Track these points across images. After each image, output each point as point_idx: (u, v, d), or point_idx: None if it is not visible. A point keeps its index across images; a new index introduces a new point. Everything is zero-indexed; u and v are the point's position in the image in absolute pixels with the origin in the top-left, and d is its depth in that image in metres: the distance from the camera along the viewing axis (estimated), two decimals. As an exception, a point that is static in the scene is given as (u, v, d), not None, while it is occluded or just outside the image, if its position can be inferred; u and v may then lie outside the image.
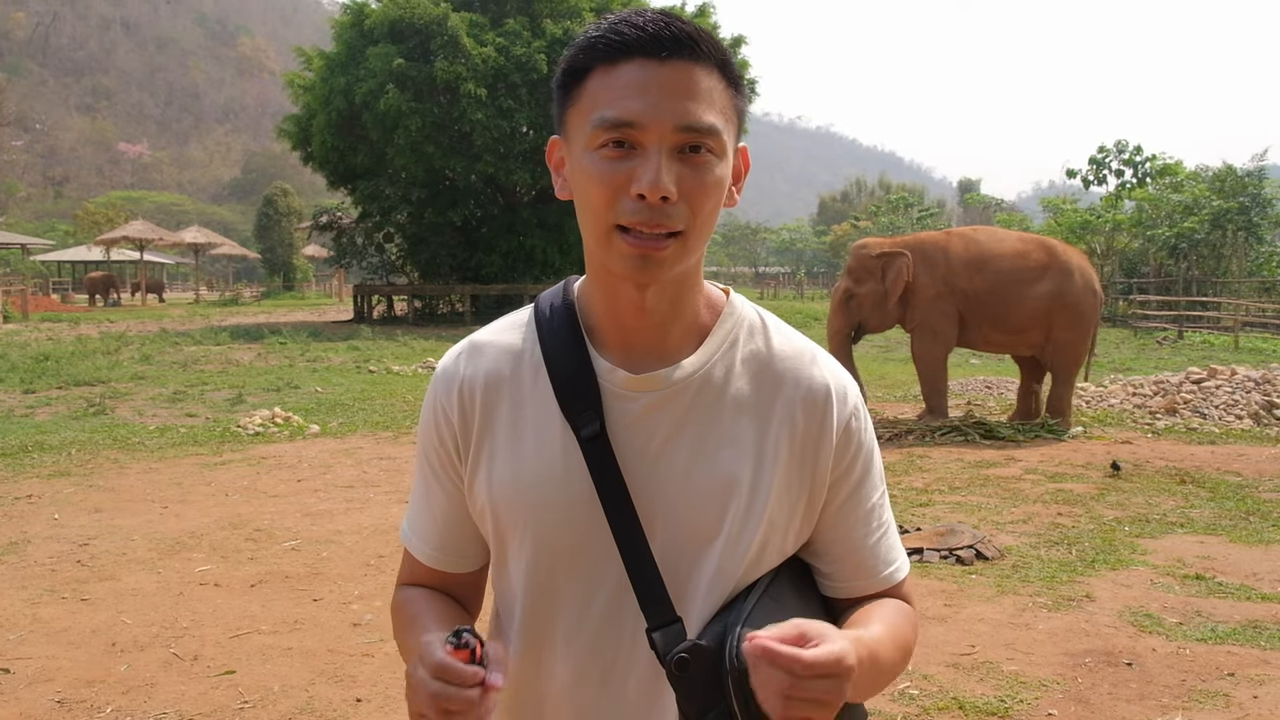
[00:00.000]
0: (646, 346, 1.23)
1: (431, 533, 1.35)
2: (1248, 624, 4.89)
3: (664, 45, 1.11)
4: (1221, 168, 34.24)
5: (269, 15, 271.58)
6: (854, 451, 1.26)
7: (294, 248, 60.00)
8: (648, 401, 1.21)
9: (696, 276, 1.23)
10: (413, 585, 1.39)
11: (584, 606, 1.23)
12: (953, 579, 5.65)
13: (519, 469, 1.24)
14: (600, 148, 1.12)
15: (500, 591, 1.32)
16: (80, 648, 4.63)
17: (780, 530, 1.23)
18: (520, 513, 1.23)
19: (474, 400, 1.27)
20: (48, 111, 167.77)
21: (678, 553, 1.20)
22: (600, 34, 1.13)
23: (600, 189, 1.12)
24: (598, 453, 1.20)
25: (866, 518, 1.29)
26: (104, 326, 26.31)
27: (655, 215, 1.10)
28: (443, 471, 1.31)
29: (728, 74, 1.15)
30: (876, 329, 11.59)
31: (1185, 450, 9.78)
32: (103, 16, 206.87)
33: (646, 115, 1.09)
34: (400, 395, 13.88)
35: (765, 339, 1.27)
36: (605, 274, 1.20)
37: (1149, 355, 21.39)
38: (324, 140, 28.24)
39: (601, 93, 1.12)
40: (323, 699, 4.09)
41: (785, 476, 1.22)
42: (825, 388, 1.25)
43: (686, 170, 1.11)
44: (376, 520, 7.05)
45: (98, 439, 10.26)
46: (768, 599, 1.19)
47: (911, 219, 54.71)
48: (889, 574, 1.30)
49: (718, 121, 1.12)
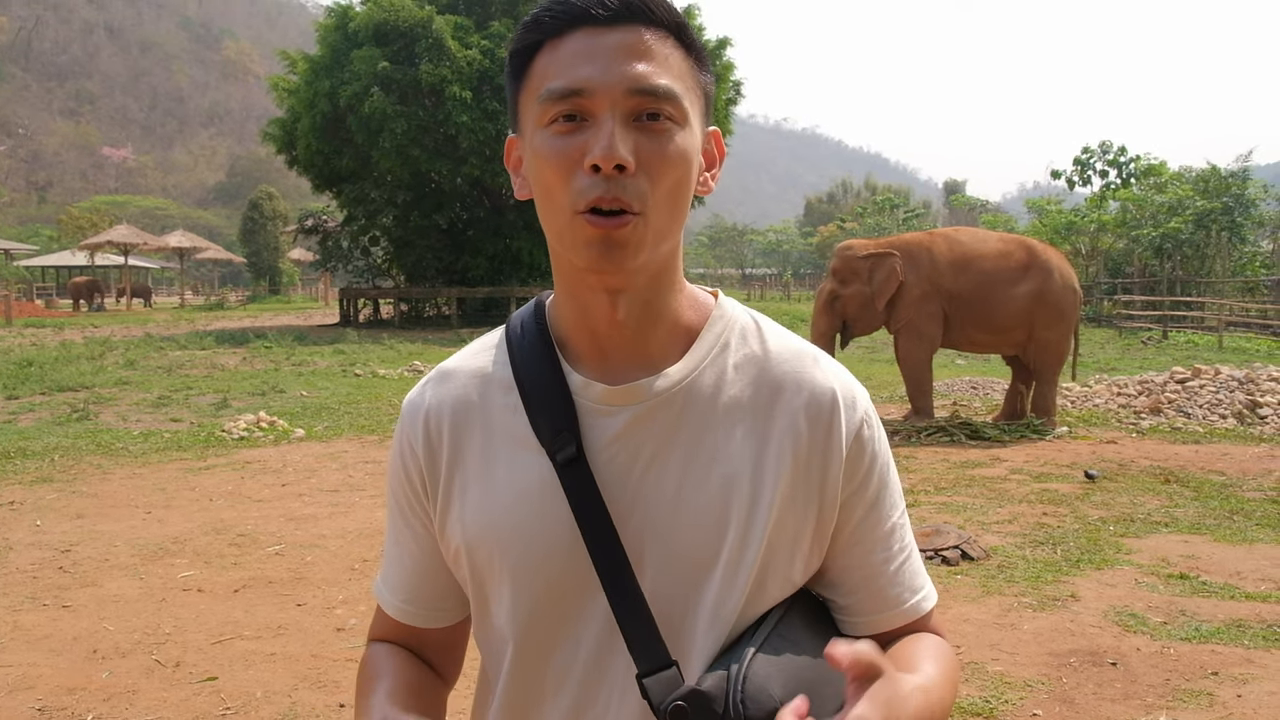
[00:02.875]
0: (625, 356, 1.12)
1: (401, 584, 1.23)
2: (1232, 623, 4.91)
3: (609, 9, 1.02)
4: (1205, 168, 34.44)
5: (253, 19, 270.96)
6: (868, 464, 1.13)
7: (279, 251, 59.79)
8: (629, 416, 1.09)
9: (673, 274, 1.12)
10: (382, 641, 1.27)
11: (573, 650, 1.11)
12: (938, 579, 5.65)
13: (492, 503, 1.12)
14: (550, 124, 1.03)
15: (484, 642, 1.19)
16: (61, 655, 4.59)
17: (785, 557, 1.10)
18: (497, 552, 1.11)
19: (441, 431, 1.16)
20: (31, 116, 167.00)
21: (671, 587, 1.08)
22: (545, 7, 1.05)
23: (553, 167, 1.03)
24: (576, 478, 1.08)
25: (886, 540, 1.15)
26: (88, 332, 26.17)
27: (612, 188, 1.00)
28: (411, 513, 1.20)
29: (684, 40, 1.07)
30: (862, 331, 11.61)
31: (1169, 450, 9.82)
32: (86, 20, 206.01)
33: (595, 81, 1.01)
34: (386, 399, 13.84)
35: (760, 341, 1.16)
36: (572, 276, 1.10)
37: (1133, 355, 21.48)
38: (309, 144, 28.14)
39: (549, 67, 1.04)
40: (306, 705, 4.06)
41: (789, 495, 1.09)
42: (830, 392, 1.12)
43: (644, 139, 1.02)
44: (361, 524, 7.02)
45: (81, 444, 10.20)
46: (777, 639, 1.06)
47: (897, 220, 54.94)
48: (915, 603, 1.17)
49: (675, 85, 1.03)
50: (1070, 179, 42.47)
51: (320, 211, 34.52)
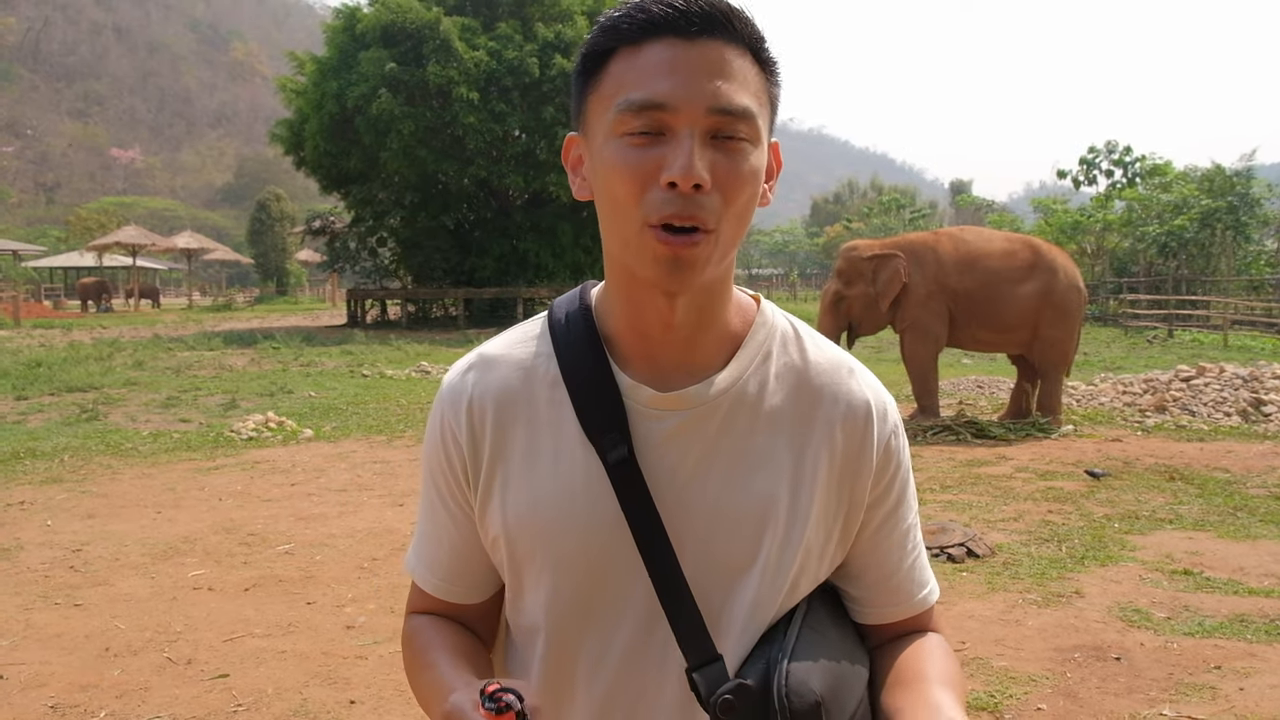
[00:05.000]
0: (674, 361, 1.14)
1: (439, 562, 1.25)
2: (1234, 618, 4.93)
3: (694, 22, 1.01)
4: (1210, 168, 34.30)
5: (261, 20, 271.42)
6: (893, 472, 1.19)
7: (287, 252, 59.90)
8: (677, 422, 1.12)
9: (728, 282, 1.14)
10: (422, 614, 1.29)
11: (608, 640, 1.14)
12: (944, 576, 5.68)
13: (536, 496, 1.14)
14: (625, 134, 1.02)
15: (517, 625, 1.22)
16: (74, 653, 4.64)
17: (816, 556, 1.15)
18: (539, 543, 1.14)
19: (485, 420, 1.17)
20: (39, 117, 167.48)
21: (709, 583, 1.12)
22: (623, 13, 1.03)
23: (626, 180, 1.02)
24: (627, 478, 1.10)
25: (902, 541, 1.22)
26: (96, 332, 26.29)
27: (687, 206, 1.00)
28: (450, 498, 1.21)
29: (761, 57, 1.07)
30: (868, 331, 11.62)
31: (1174, 447, 9.83)
32: (94, 21, 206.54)
33: (677, 96, 1.00)
34: (394, 399, 13.89)
35: (800, 350, 1.19)
36: (629, 280, 1.10)
37: (1139, 354, 21.45)
38: (316, 145, 28.25)
39: (627, 75, 1.02)
40: (317, 701, 4.11)
41: (824, 500, 1.14)
42: (866, 404, 1.17)
43: (721, 158, 1.02)
44: (370, 524, 7.07)
45: (90, 445, 10.26)
46: (809, 630, 1.11)
47: (904, 220, 54.78)
48: (923, 598, 1.24)
49: (752, 105, 1.03)
50: (1076, 179, 42.32)
51: (328, 212, 34.69)
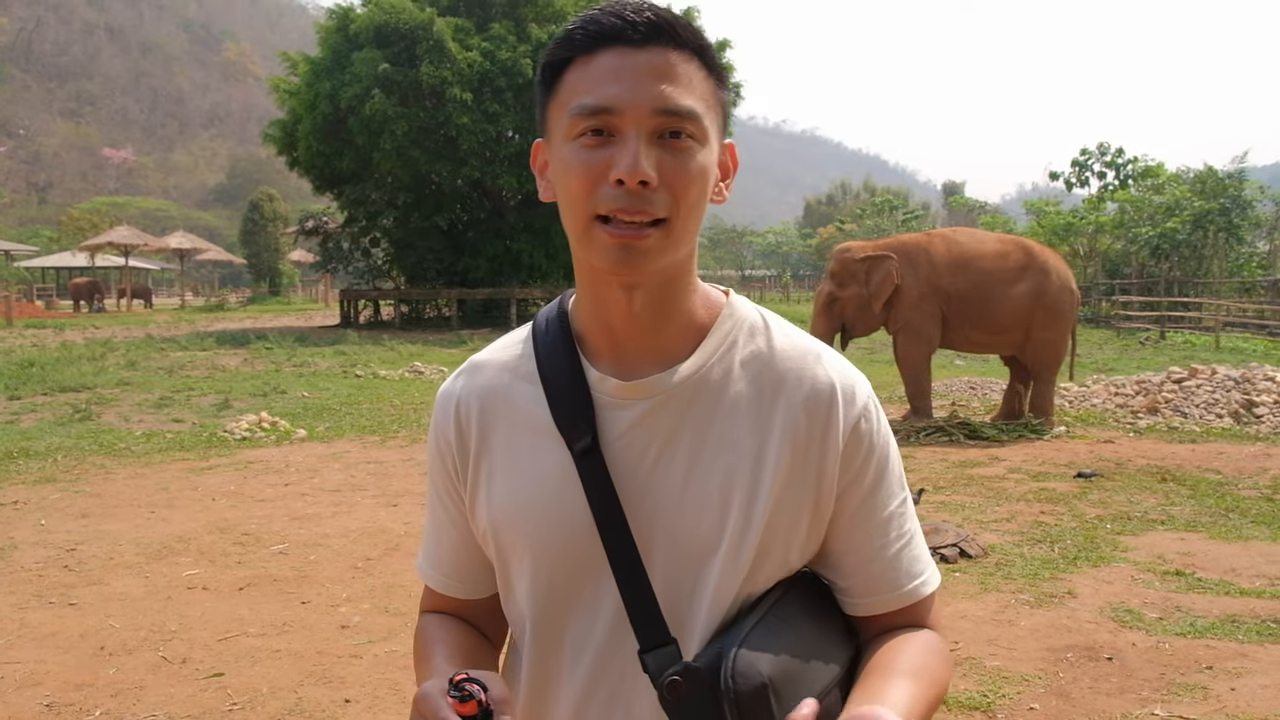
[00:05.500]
0: (639, 352, 1.18)
1: (441, 559, 1.32)
2: (1226, 618, 4.96)
3: (639, 30, 1.09)
4: (1202, 169, 34.42)
5: (254, 20, 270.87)
6: (865, 455, 1.18)
7: (280, 253, 59.79)
8: (642, 409, 1.16)
9: (688, 275, 1.19)
10: (432, 612, 1.36)
11: (588, 627, 1.18)
12: (936, 577, 5.70)
13: (515, 488, 1.20)
14: (578, 136, 1.09)
15: (509, 614, 1.28)
16: (68, 652, 4.65)
17: (782, 541, 1.16)
18: (519, 533, 1.19)
19: (470, 419, 1.24)
20: (31, 117, 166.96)
21: (680, 571, 1.14)
22: (577, 25, 1.11)
23: (579, 178, 1.09)
24: (591, 467, 1.15)
25: (884, 526, 1.20)
26: (89, 332, 26.22)
27: (635, 201, 1.06)
28: (447, 496, 1.29)
29: (707, 61, 1.13)
30: (861, 333, 11.64)
31: (1166, 449, 9.87)
32: (86, 21, 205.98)
33: (623, 100, 1.07)
34: (387, 400, 13.89)
35: (767, 339, 1.21)
36: (590, 275, 1.16)
37: (1131, 355, 21.52)
38: (309, 145, 28.19)
39: (580, 82, 1.10)
40: (311, 700, 4.11)
41: (786, 483, 1.15)
42: (830, 386, 1.17)
43: (667, 156, 1.08)
44: (364, 523, 7.07)
45: (83, 445, 10.24)
46: (772, 619, 1.12)
47: (896, 221, 54.97)
48: (913, 588, 1.22)
49: (697, 106, 1.09)
50: (1068, 180, 42.50)
51: (321, 213, 34.60)
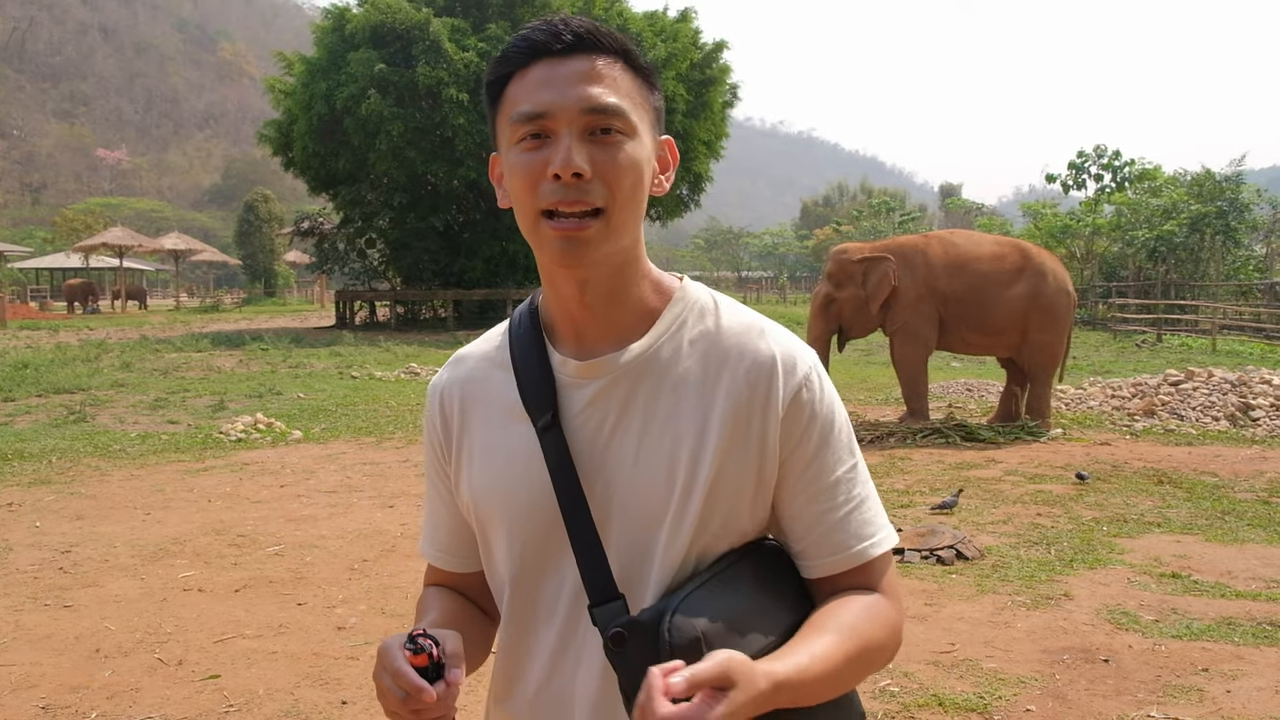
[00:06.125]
0: (596, 335, 1.28)
1: (437, 537, 1.45)
2: (1222, 621, 4.96)
3: (564, 41, 1.20)
4: (1200, 172, 34.47)
5: (249, 20, 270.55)
6: (807, 422, 1.26)
7: (275, 254, 59.71)
8: (597, 387, 1.26)
9: (636, 262, 1.28)
10: (432, 585, 1.49)
11: (557, 590, 1.28)
12: (933, 579, 5.70)
13: (491, 465, 1.32)
14: (519, 141, 1.21)
15: (491, 583, 1.39)
16: (64, 654, 4.63)
17: (727, 507, 1.24)
18: (494, 505, 1.31)
19: (453, 407, 1.37)
20: (25, 117, 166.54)
21: (633, 536, 1.24)
22: (511, 45, 1.24)
23: (522, 178, 1.21)
24: (552, 443, 1.25)
25: (830, 491, 1.27)
26: (83, 334, 26.17)
27: (572, 192, 1.17)
28: (438, 478, 1.41)
29: (631, 63, 1.24)
30: (858, 334, 11.65)
31: (1163, 451, 9.88)
32: (80, 21, 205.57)
33: (554, 104, 1.18)
34: (383, 401, 13.87)
35: (715, 318, 1.30)
36: (548, 270, 1.27)
37: (1128, 358, 21.55)
38: (305, 146, 28.16)
39: (518, 93, 1.22)
40: (308, 702, 4.10)
41: (728, 449, 1.23)
42: (771, 358, 1.26)
43: (598, 150, 1.19)
44: (360, 525, 7.06)
45: (78, 446, 10.22)
46: (717, 582, 1.21)
47: (893, 223, 54.98)
48: (861, 549, 1.27)
49: (622, 103, 1.20)
50: (1065, 183, 42.47)
51: (316, 214, 34.57)
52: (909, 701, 4.05)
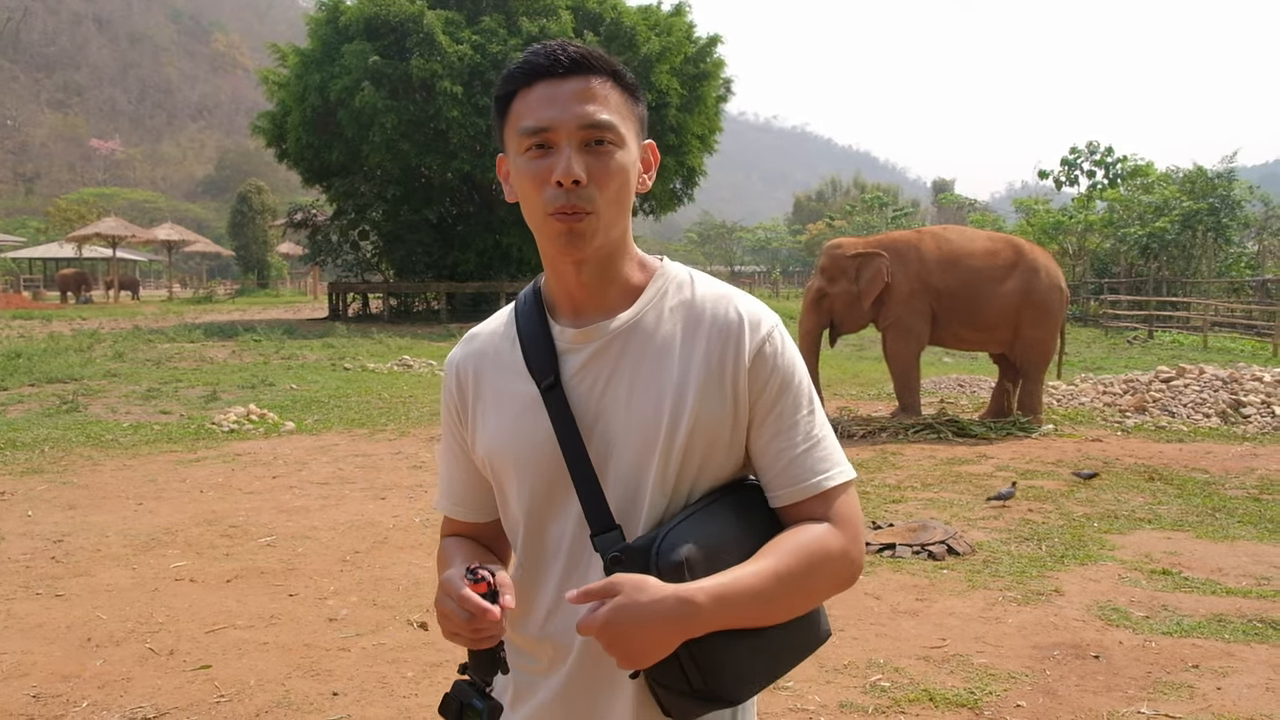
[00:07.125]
0: (591, 309, 1.51)
1: (453, 490, 1.66)
2: (1212, 617, 4.98)
3: (563, 65, 1.42)
4: (1192, 169, 34.51)
5: (243, 11, 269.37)
6: (770, 373, 1.47)
7: (268, 245, 59.52)
8: (591, 351, 1.48)
9: (624, 248, 1.51)
10: (450, 536, 1.68)
11: (563, 526, 1.49)
12: (924, 574, 5.71)
13: (501, 424, 1.53)
14: (527, 151, 1.43)
15: (506, 525, 1.60)
16: (55, 643, 4.63)
17: (706, 444, 1.45)
18: (507, 456, 1.51)
19: (467, 376, 1.59)
20: (18, 107, 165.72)
21: (628, 475, 1.44)
22: (516, 66, 1.45)
23: (530, 183, 1.43)
24: (554, 401, 1.47)
25: (790, 431, 1.48)
26: (76, 324, 26.07)
27: (571, 199, 1.39)
28: (455, 441, 1.63)
29: (620, 82, 1.47)
30: (850, 329, 11.66)
31: (1154, 448, 9.91)
32: (74, 12, 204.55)
33: (556, 120, 1.41)
34: (376, 393, 13.86)
35: (692, 289, 1.53)
36: (550, 256, 1.49)
37: (1119, 354, 21.60)
38: (299, 137, 28.05)
39: (524, 109, 1.43)
40: (299, 692, 4.10)
41: (705, 397, 1.44)
42: (738, 318, 1.49)
43: (593, 159, 1.41)
44: (352, 516, 7.06)
45: (71, 436, 10.20)
46: (701, 513, 1.42)
47: (886, 218, 54.84)
48: (816, 481, 1.46)
49: (613, 118, 1.43)
50: (1058, 179, 42.41)
51: (309, 205, 34.41)
52: (899, 696, 4.06)
